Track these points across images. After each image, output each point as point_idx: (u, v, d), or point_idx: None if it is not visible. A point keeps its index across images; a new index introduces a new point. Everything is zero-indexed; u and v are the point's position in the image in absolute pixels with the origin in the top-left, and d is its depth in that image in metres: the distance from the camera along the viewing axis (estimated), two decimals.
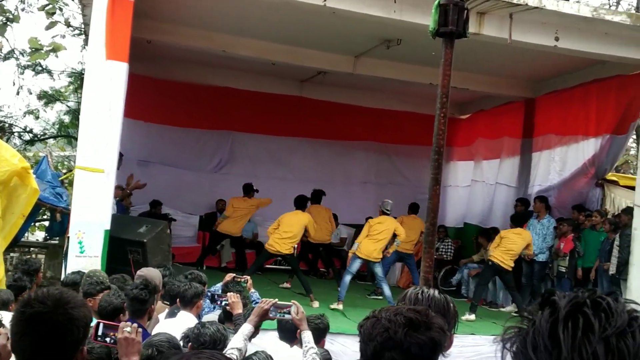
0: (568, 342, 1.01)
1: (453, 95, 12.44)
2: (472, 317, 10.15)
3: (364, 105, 14.95)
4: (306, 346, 3.97)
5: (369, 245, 10.19)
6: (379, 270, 10.36)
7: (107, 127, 7.61)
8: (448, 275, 13.26)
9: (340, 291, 10.11)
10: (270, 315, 4.04)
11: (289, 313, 4.01)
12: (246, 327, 3.97)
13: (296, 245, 11.74)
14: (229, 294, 5.27)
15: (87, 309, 2.33)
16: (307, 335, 4.03)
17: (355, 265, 10.32)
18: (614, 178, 12.09)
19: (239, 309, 5.04)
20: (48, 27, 13.01)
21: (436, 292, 2.52)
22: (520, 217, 11.43)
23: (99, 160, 7.54)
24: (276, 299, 4.11)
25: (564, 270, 11.00)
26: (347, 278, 10.18)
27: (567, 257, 10.97)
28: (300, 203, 10.92)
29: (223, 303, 5.25)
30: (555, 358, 1.01)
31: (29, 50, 15.28)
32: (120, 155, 8.97)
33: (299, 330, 4.15)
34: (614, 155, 11.58)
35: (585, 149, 11.72)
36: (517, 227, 10.90)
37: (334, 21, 9.51)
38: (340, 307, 9.83)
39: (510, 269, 10.39)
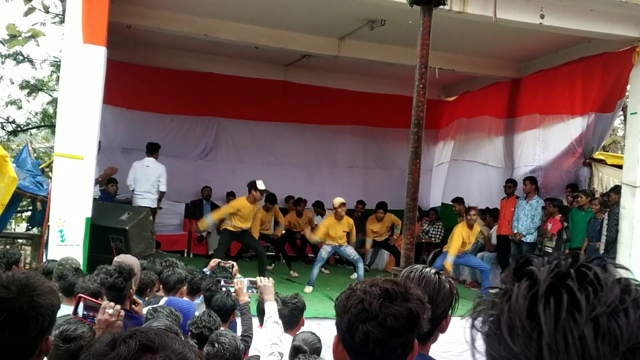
0: (550, 324, 0.85)
1: (440, 78, 12.49)
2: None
3: (349, 88, 14.82)
4: (267, 315, 4.15)
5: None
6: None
7: (85, 112, 7.46)
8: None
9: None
10: None
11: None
12: (273, 306, 4.22)
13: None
14: (236, 279, 5.17)
15: (54, 297, 2.20)
16: (269, 305, 4.22)
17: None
18: (602, 157, 12.05)
19: (245, 297, 4.97)
20: (26, 14, 12.78)
21: (431, 270, 2.41)
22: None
23: (78, 146, 7.40)
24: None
25: (551, 251, 10.95)
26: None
27: (555, 238, 10.93)
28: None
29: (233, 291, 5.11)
30: (535, 342, 0.85)
31: (7, 38, 15.04)
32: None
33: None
34: (600, 134, 11.50)
35: (571, 128, 11.65)
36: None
37: (316, 1, 9.37)
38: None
39: None
